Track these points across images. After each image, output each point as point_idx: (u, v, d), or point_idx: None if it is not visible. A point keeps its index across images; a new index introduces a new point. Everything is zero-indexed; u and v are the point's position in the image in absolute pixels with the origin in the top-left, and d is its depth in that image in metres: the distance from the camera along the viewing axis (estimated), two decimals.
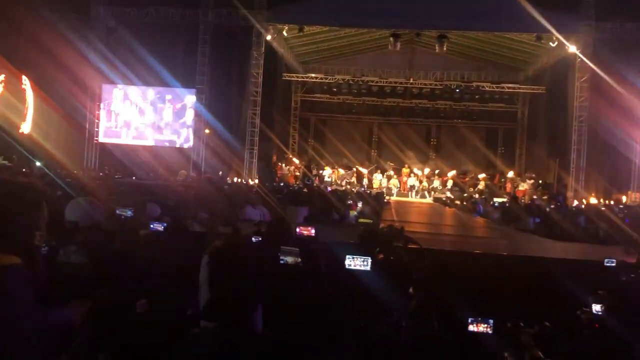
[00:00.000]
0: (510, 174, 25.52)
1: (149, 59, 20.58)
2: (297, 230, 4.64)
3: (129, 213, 5.81)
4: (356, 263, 2.75)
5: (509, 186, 24.58)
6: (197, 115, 22.17)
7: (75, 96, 21.05)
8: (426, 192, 25.50)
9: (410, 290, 2.67)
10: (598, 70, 19.15)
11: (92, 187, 10.36)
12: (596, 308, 3.76)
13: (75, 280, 3.58)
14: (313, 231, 4.42)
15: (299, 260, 3.11)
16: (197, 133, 22.21)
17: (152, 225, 5.72)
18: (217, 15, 21.62)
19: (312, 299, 2.43)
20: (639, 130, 20.23)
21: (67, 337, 2.62)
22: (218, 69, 22.32)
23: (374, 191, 22.85)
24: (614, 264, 3.99)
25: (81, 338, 2.69)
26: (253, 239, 4.54)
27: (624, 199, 20.43)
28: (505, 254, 6.45)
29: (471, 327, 2.69)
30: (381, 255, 2.70)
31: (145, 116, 22.78)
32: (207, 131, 22.35)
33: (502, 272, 4.88)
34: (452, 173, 26.52)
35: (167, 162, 21.19)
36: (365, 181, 26.11)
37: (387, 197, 21.83)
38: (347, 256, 2.77)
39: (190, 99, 22.42)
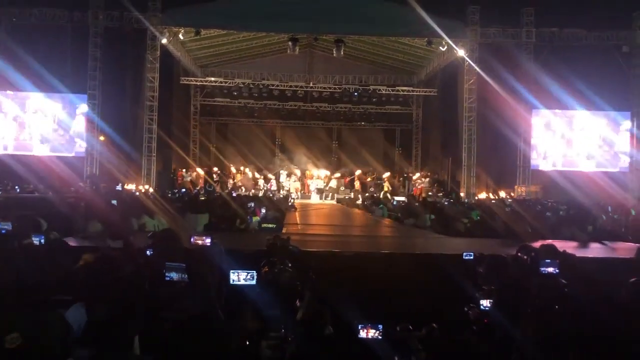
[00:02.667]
0: (417, 175, 26.43)
1: (34, 64, 19.35)
2: (192, 239, 4.45)
3: None
4: (241, 278, 2.67)
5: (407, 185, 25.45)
6: (90, 122, 21.07)
7: None
8: (329, 194, 25.83)
9: (297, 302, 2.63)
10: (482, 73, 20.40)
11: None
12: (484, 303, 3.87)
13: None
14: (208, 240, 4.26)
15: (185, 276, 2.98)
16: (90, 141, 21.10)
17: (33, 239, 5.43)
18: (108, 17, 20.66)
19: (196, 318, 2.31)
20: (522, 128, 21.76)
21: None
22: (111, 73, 21.33)
23: (279, 195, 22.80)
24: (471, 257, 4.18)
25: None
26: (148, 252, 4.31)
27: (502, 193, 21.85)
28: (400, 252, 6.62)
29: (362, 334, 2.69)
30: (266, 269, 2.62)
31: (33, 125, 21.38)
32: (101, 138, 21.31)
33: (395, 271, 4.99)
34: (354, 174, 27.05)
35: (58, 173, 19.90)
36: (270, 185, 25.99)
37: (292, 200, 21.85)
38: (232, 271, 2.67)
39: (81, 105, 21.26)
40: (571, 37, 21.03)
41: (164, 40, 20.92)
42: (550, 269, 3.68)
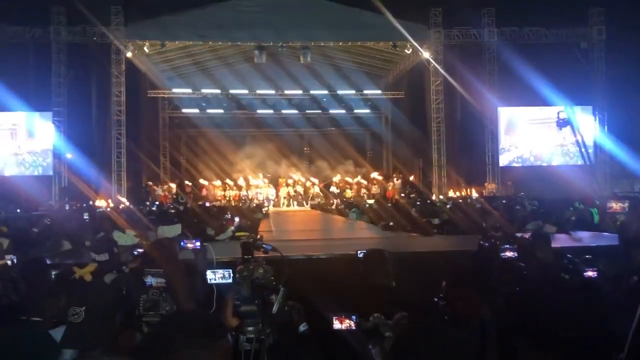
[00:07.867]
0: (375, 174, 26.72)
1: None
2: (182, 243, 4.59)
3: None
4: (217, 276, 2.77)
5: (377, 187, 25.67)
6: (57, 139, 20.80)
7: None
8: (303, 200, 25.94)
9: (272, 297, 2.73)
10: (446, 75, 20.79)
11: None
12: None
13: None
14: (198, 244, 4.42)
15: (163, 280, 3.07)
16: (58, 158, 20.83)
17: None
18: (70, 33, 20.44)
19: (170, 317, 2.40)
20: (489, 127, 22.23)
21: None
22: (76, 89, 21.13)
23: (253, 204, 22.81)
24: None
25: None
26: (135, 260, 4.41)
27: (473, 192, 22.25)
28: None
29: (336, 324, 2.80)
30: (241, 266, 2.73)
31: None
32: (69, 155, 21.05)
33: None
34: (326, 180, 27.22)
35: (27, 192, 19.54)
36: (244, 194, 25.99)
37: (265, 209, 21.89)
38: (209, 270, 2.78)
39: (47, 122, 20.94)
40: (531, 36, 21.59)
41: (129, 54, 20.81)
42: (509, 254, 3.88)
